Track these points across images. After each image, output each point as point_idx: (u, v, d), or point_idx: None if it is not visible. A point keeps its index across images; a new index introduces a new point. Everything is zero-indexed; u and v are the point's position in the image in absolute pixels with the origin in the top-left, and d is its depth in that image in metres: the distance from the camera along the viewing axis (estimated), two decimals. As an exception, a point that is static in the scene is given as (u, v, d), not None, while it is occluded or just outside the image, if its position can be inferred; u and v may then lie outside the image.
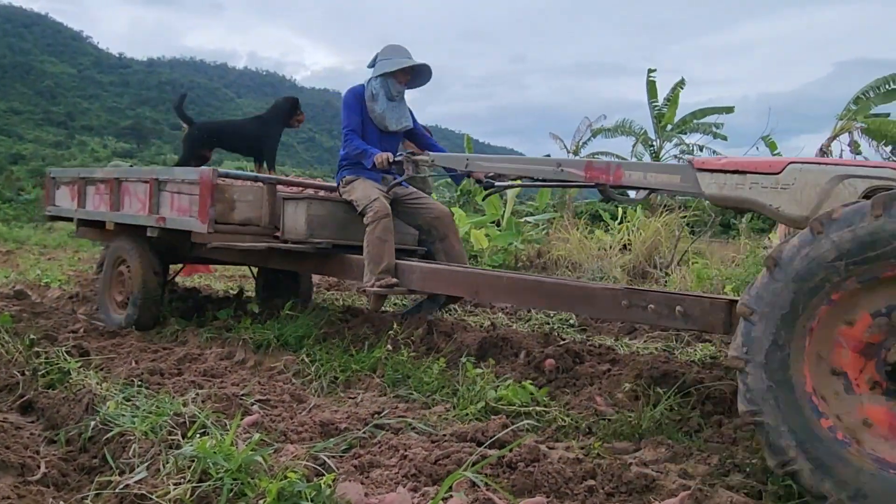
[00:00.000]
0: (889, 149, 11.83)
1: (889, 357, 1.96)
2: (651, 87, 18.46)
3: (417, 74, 4.69)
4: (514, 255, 9.96)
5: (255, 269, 6.53)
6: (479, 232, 9.69)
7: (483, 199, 9.69)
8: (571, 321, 5.37)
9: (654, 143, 19.44)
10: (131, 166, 8.42)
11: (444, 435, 2.56)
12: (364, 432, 2.58)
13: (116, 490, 1.95)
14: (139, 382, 3.18)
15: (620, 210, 11.52)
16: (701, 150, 18.66)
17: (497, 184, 3.81)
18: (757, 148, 11.03)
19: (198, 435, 2.24)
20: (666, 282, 8.10)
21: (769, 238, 9.54)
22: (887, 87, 13.04)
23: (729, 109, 18.78)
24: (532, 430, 2.79)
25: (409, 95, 5.17)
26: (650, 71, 18.31)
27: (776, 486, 2.24)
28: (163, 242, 4.92)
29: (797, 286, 1.97)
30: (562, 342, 3.97)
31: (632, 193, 3.64)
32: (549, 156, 4.39)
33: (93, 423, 2.46)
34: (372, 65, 4.64)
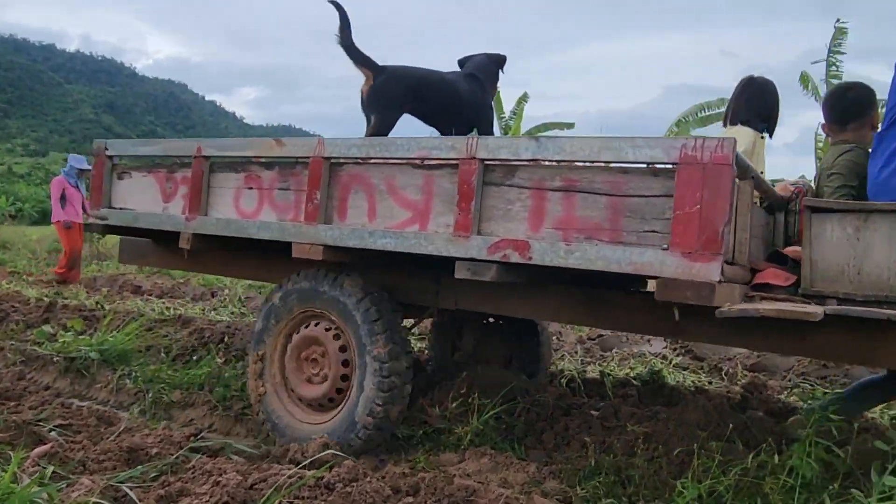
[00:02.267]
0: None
1: None
2: (496, 100, 19.22)
3: None
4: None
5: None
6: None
7: None
8: (414, 331, 5.40)
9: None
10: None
11: (267, 455, 2.47)
12: (178, 457, 2.41)
13: None
14: (-89, 409, 2.77)
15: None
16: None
17: None
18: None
19: (-27, 471, 1.98)
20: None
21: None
22: (703, 112, 14.43)
23: (570, 125, 19.99)
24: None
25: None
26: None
27: (585, 490, 2.38)
28: (401, 282, 2.93)
29: None
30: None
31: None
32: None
33: None
34: None
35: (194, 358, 3.95)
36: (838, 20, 11.27)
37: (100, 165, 3.49)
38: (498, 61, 3.60)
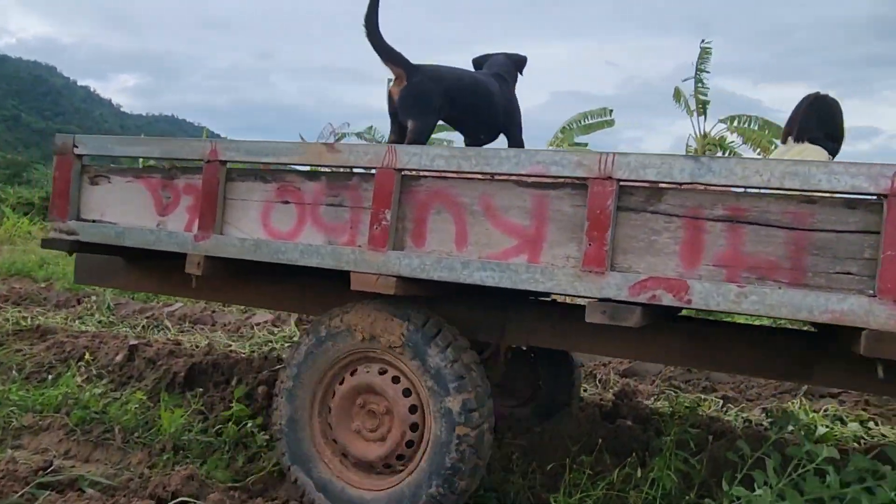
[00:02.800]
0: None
1: None
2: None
3: None
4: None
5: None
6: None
7: None
8: (295, 338, 5.25)
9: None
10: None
11: (126, 487, 2.30)
12: (23, 495, 2.20)
13: None
14: None
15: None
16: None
17: None
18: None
19: None
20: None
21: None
22: (587, 120, 15.05)
23: (460, 127, 20.32)
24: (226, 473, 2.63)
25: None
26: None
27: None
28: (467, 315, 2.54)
29: None
30: (278, 366, 3.85)
31: None
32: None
33: None
34: None
35: (50, 377, 3.64)
36: (703, 41, 12.22)
37: (65, 166, 2.80)
38: (518, 62, 3.30)
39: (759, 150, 11.82)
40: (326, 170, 2.51)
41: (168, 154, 2.75)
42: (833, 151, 3.08)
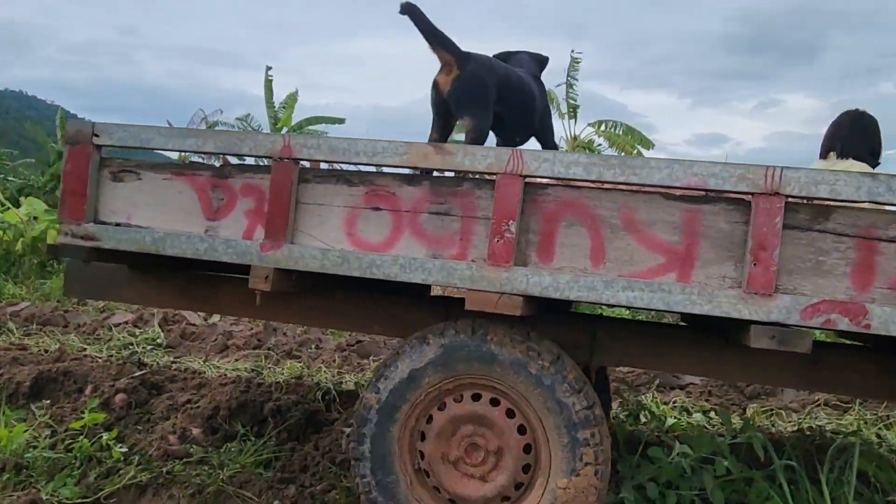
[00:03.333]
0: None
1: None
2: (268, 87, 18.58)
3: None
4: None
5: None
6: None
7: None
8: (159, 340, 4.98)
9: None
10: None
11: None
12: None
13: None
14: None
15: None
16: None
17: None
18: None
19: None
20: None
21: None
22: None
23: (340, 120, 20.02)
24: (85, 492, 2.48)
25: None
26: (268, 68, 18.41)
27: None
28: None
29: None
30: (139, 371, 3.66)
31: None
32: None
33: None
34: None
35: None
36: (573, 51, 12.99)
37: (80, 159, 2.29)
38: (541, 62, 3.12)
39: (622, 153, 12.69)
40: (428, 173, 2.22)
41: (225, 149, 2.29)
42: (874, 168, 3.10)
